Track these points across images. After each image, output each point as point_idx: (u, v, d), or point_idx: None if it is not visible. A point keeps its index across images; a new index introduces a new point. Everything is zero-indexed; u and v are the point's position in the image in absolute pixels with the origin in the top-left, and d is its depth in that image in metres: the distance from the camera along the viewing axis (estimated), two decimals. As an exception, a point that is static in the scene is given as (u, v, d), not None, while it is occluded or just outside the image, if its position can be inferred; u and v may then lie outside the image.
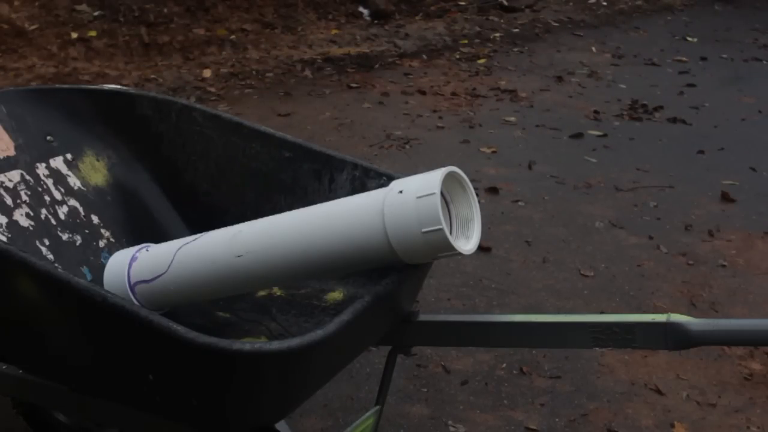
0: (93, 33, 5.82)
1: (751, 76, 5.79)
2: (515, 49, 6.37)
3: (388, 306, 1.51)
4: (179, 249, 1.60)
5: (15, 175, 1.79)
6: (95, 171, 1.91)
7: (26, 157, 1.83)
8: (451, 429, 2.21)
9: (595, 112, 4.89)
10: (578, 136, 4.49)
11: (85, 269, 1.78)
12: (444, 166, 1.43)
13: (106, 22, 6.00)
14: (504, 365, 2.48)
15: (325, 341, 1.28)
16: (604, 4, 7.90)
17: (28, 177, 1.80)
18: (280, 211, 1.57)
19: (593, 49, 6.43)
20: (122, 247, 1.82)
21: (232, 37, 6.00)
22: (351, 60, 5.86)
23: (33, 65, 5.31)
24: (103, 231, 1.86)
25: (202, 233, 1.62)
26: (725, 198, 3.71)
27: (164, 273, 1.61)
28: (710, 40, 6.76)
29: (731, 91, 5.40)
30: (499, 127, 4.64)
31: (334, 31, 6.57)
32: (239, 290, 1.64)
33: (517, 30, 6.94)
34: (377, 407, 1.60)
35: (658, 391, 2.38)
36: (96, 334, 1.38)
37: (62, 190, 1.84)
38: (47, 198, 1.81)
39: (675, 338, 1.43)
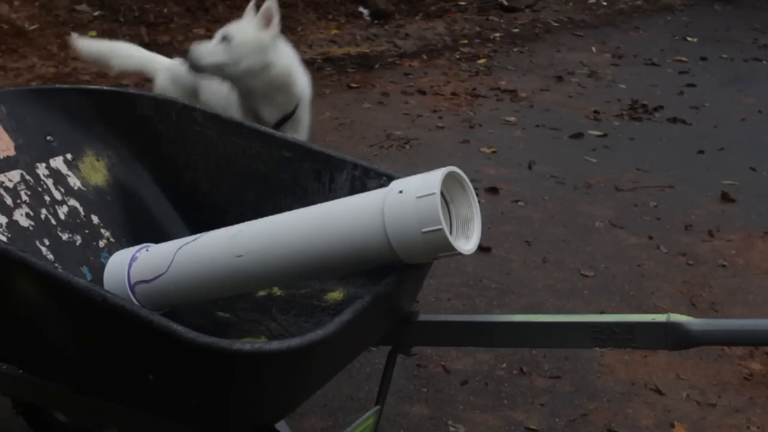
0: (93, 33, 5.81)
1: (751, 76, 5.79)
2: (515, 49, 6.37)
3: (388, 306, 1.51)
4: (179, 249, 1.60)
5: (15, 175, 1.78)
6: (95, 171, 1.91)
7: (26, 157, 1.82)
8: (451, 429, 2.21)
9: (595, 112, 4.89)
10: (578, 136, 4.49)
11: (85, 269, 1.78)
12: (444, 166, 1.43)
13: (106, 22, 5.99)
14: (504, 365, 2.48)
15: (325, 341, 1.28)
16: (604, 4, 7.90)
17: (28, 177, 1.80)
18: (280, 211, 1.56)
19: (593, 49, 6.43)
20: (122, 247, 1.82)
21: (233, 37, 5.99)
22: (351, 60, 5.86)
23: (33, 65, 5.31)
24: (103, 231, 1.86)
25: (202, 233, 1.62)
26: (725, 198, 3.71)
27: (164, 273, 1.61)
28: (710, 40, 6.76)
29: (731, 91, 5.40)
30: (499, 127, 4.64)
31: (334, 31, 6.58)
32: (239, 290, 1.64)
33: (517, 30, 6.94)
34: (377, 407, 1.60)
35: (658, 391, 2.38)
36: (96, 335, 1.38)
37: (62, 190, 1.84)
38: (47, 198, 1.81)
39: (675, 338, 1.43)
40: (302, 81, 2.70)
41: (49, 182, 1.83)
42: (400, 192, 1.40)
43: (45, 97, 1.91)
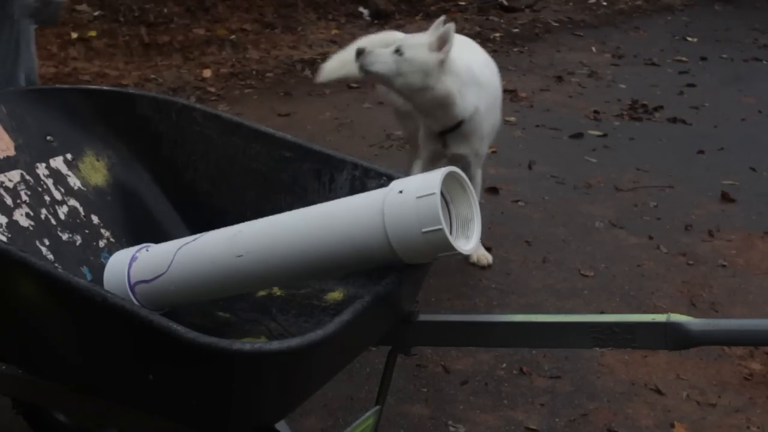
0: (93, 33, 5.81)
1: (751, 76, 5.78)
2: (515, 49, 6.37)
3: (388, 306, 1.51)
4: (179, 249, 1.60)
5: (15, 175, 1.79)
6: (95, 171, 1.91)
7: (26, 157, 1.82)
8: (451, 429, 2.21)
9: (595, 112, 4.89)
10: (578, 136, 4.49)
11: (85, 269, 1.78)
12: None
13: (106, 22, 5.99)
14: (504, 365, 2.48)
15: (325, 341, 1.28)
16: (604, 4, 7.89)
17: (28, 177, 1.80)
18: (280, 211, 1.57)
19: (593, 49, 6.42)
20: (122, 247, 1.82)
21: (232, 37, 5.99)
22: (351, 60, 5.85)
23: (33, 65, 5.30)
24: (103, 231, 1.86)
25: (202, 233, 1.62)
26: (725, 198, 3.71)
27: (164, 273, 1.61)
28: (710, 40, 6.76)
29: (731, 91, 5.40)
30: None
31: (334, 31, 6.57)
32: (239, 290, 1.64)
33: (517, 30, 6.94)
34: (377, 407, 1.60)
35: (658, 391, 2.38)
36: (96, 334, 1.38)
37: (62, 190, 1.84)
38: (47, 198, 1.81)
39: (675, 338, 1.43)
40: (467, 101, 2.73)
41: (49, 182, 1.83)
42: (400, 192, 1.40)
43: (45, 97, 1.91)
